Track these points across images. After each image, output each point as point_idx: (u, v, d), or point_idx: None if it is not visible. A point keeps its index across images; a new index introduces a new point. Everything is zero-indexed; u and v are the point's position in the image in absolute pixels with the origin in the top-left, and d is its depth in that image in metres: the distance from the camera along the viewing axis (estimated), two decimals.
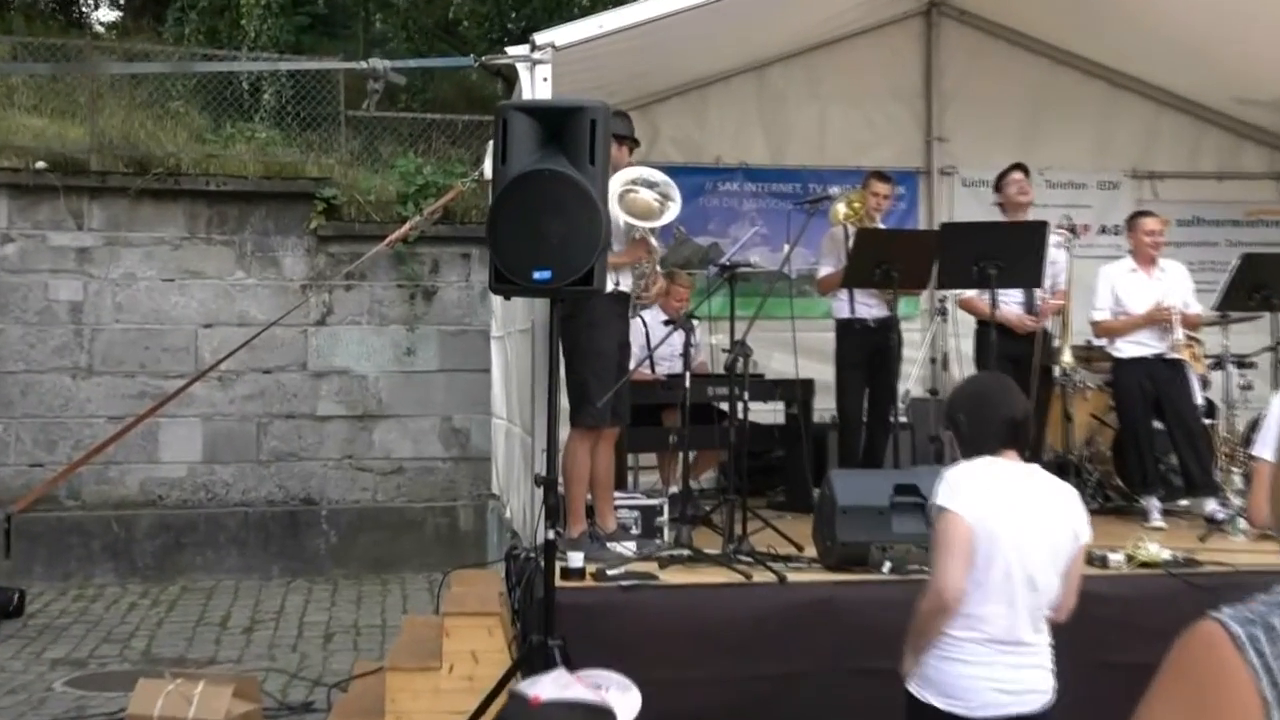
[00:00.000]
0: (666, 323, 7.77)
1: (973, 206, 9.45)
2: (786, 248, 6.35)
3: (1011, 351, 7.19)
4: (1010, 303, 7.36)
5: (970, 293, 7.37)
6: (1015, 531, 3.42)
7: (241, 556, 10.24)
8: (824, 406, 8.10)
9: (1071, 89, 9.64)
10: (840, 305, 7.72)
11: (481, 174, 7.12)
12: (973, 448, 3.58)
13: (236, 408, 10.40)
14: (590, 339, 5.81)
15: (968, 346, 7.72)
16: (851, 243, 7.34)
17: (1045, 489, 3.53)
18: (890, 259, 7.05)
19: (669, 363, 7.78)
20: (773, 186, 9.48)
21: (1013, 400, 3.60)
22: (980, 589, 3.42)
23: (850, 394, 7.64)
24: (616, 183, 5.87)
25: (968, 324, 7.86)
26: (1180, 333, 7.28)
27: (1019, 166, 7.67)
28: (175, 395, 8.51)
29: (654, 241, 6.05)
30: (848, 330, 7.67)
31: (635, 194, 5.92)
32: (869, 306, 7.63)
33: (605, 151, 4.87)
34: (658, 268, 6.26)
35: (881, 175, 7.87)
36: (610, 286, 5.74)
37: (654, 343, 7.43)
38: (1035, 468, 3.60)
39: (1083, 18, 8.77)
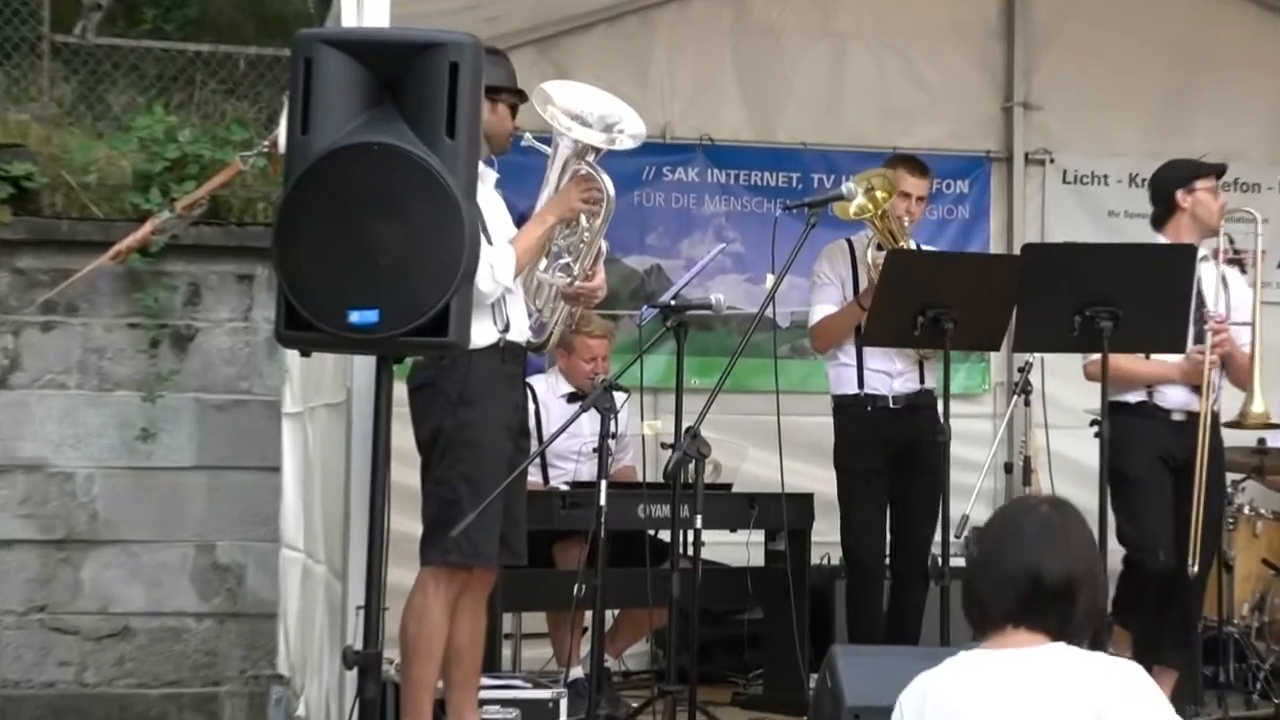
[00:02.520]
0: (571, 397, 7.81)
1: (1076, 216, 9.64)
2: (771, 278, 6.36)
3: (1167, 449, 7.29)
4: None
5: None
6: None
7: None
8: (830, 539, 8.13)
9: (1240, 30, 9.84)
10: (841, 372, 7.79)
11: (275, 145, 7.14)
12: (975, 625, 3.68)
13: None
14: (461, 425, 5.85)
15: (1069, 445, 7.80)
16: (875, 263, 7.42)
17: (1041, 682, 3.54)
18: (943, 300, 7.14)
19: (574, 464, 7.80)
20: (754, 177, 9.60)
21: (1042, 543, 3.60)
22: None
23: (861, 521, 7.71)
24: (542, 106, 6.01)
25: (1067, 407, 7.92)
26: None
27: (1217, 170, 7.65)
28: None
29: (607, 182, 6.11)
30: (854, 414, 7.74)
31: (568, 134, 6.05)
32: (887, 375, 7.72)
33: (473, 115, 4.88)
34: (602, 245, 6.30)
35: (913, 163, 7.92)
36: (493, 335, 5.82)
37: (548, 429, 7.44)
38: (1054, 652, 3.59)
39: None
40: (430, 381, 5.88)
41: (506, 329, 5.94)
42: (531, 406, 7.47)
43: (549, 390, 7.93)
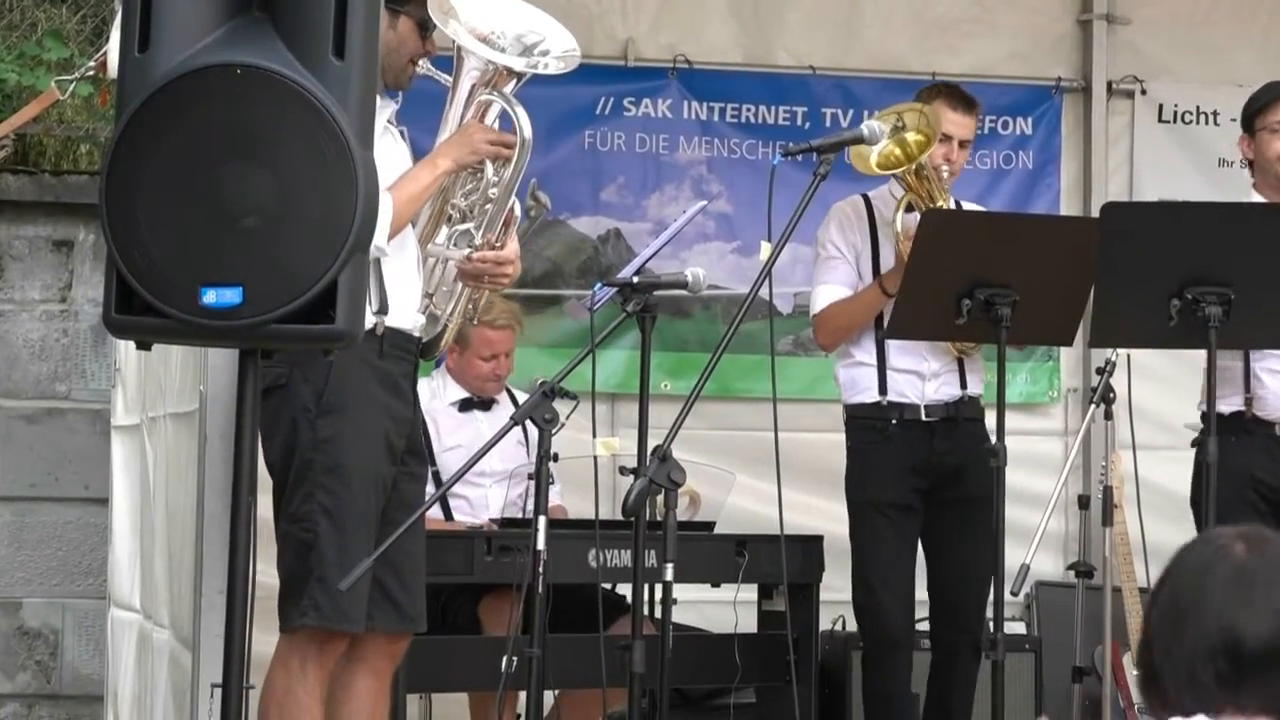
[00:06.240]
0: (464, 404, 7.95)
1: (1176, 165, 9.69)
2: (766, 246, 6.39)
3: (1262, 478, 7.38)
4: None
5: None
6: None
7: None
8: (847, 596, 8.15)
9: None
10: (855, 374, 7.85)
11: (104, 66, 7.11)
12: (1159, 700, 3.60)
13: None
14: (320, 441, 5.88)
15: (1166, 471, 7.90)
16: (907, 233, 7.47)
17: None
18: (997, 276, 7.20)
19: (480, 489, 7.91)
20: (744, 112, 9.61)
21: (1261, 598, 3.63)
22: None
23: (881, 574, 7.73)
24: (443, 20, 5.99)
25: (1164, 421, 7.96)
26: None
27: None
28: None
29: (523, 119, 6.09)
30: (873, 430, 7.79)
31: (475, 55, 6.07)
32: (917, 378, 7.77)
33: (369, 28, 4.91)
34: (516, 210, 6.31)
35: (954, 94, 7.96)
36: (371, 318, 5.79)
37: (439, 447, 7.60)
38: None
39: None
40: (281, 382, 5.88)
41: (384, 309, 5.96)
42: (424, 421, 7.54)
43: (435, 397, 7.96)
